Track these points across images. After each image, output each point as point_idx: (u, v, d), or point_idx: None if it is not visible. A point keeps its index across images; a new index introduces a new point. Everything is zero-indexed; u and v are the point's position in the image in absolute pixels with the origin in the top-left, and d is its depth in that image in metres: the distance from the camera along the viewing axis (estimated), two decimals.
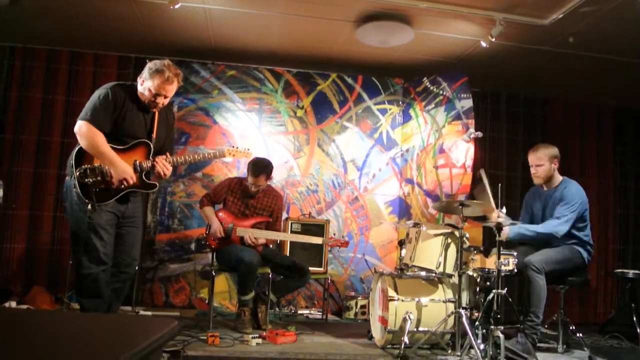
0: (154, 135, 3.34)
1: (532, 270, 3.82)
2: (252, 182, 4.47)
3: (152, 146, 3.31)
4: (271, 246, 4.65)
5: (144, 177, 3.27)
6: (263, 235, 4.48)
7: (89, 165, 3.09)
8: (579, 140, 6.48)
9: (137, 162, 3.23)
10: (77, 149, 3.12)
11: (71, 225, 3.22)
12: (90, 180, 3.07)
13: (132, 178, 3.16)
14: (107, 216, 3.17)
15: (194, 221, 5.58)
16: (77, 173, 3.06)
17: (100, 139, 3.09)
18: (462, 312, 3.55)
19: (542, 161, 4.19)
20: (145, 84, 3.25)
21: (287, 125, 5.90)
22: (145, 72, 3.25)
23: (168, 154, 3.39)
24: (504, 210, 3.61)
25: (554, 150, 4.23)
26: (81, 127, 3.08)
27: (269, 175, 4.56)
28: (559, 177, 4.25)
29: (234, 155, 3.77)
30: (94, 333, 1.37)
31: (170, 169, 3.31)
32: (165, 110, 3.47)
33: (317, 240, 4.78)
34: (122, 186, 3.15)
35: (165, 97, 3.30)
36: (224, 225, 4.45)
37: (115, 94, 3.17)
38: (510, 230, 3.94)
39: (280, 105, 5.90)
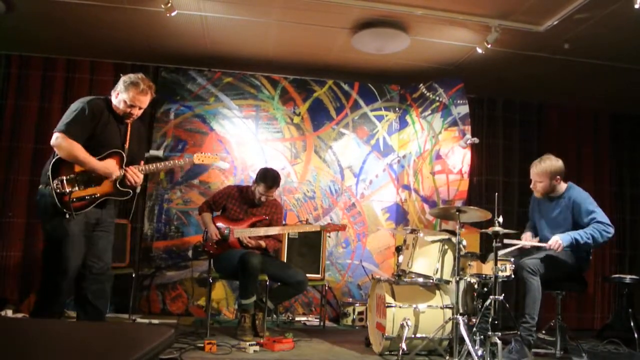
0: (126, 146, 3.46)
1: (526, 272, 3.82)
2: (264, 192, 4.51)
3: (125, 156, 3.43)
4: (267, 248, 4.62)
5: (117, 184, 3.40)
6: (260, 233, 4.49)
7: (67, 177, 3.21)
8: (575, 145, 6.50)
9: None
10: (54, 160, 3.21)
11: (45, 233, 3.34)
12: (68, 190, 3.19)
13: (116, 172, 3.33)
14: (81, 226, 3.27)
15: (191, 228, 5.57)
16: (55, 184, 3.16)
17: (78, 147, 3.21)
18: (460, 318, 3.55)
19: (541, 178, 4.09)
20: (120, 97, 3.37)
21: (284, 131, 5.91)
22: (120, 85, 3.37)
23: (142, 162, 3.53)
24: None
25: (557, 167, 4.08)
26: (57, 139, 3.19)
27: (278, 186, 4.65)
28: (563, 186, 4.15)
29: (203, 161, 3.89)
30: (90, 341, 1.36)
31: (141, 177, 3.44)
32: (137, 123, 3.60)
33: (315, 228, 4.72)
34: (111, 179, 3.33)
35: (140, 108, 3.42)
36: (221, 230, 4.45)
37: (92, 107, 3.29)
38: (563, 240, 3.83)
39: (277, 112, 5.91)
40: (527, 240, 4.19)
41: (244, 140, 5.81)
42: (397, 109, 6.14)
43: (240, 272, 4.25)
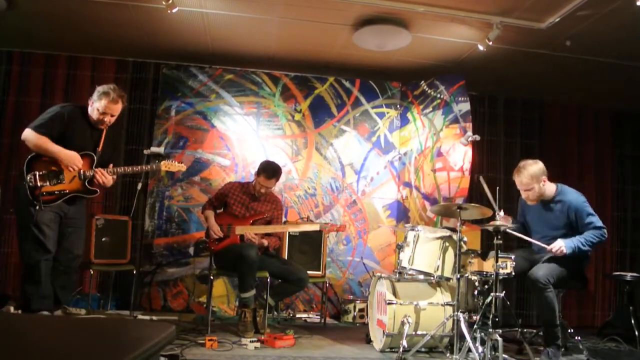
0: (99, 149, 3.83)
1: (540, 287, 3.71)
2: (264, 183, 4.52)
3: (95, 158, 3.79)
4: (268, 246, 4.63)
5: (86, 184, 3.74)
6: (261, 231, 4.50)
7: (39, 172, 3.56)
8: (577, 143, 6.50)
9: (81, 171, 3.71)
10: (29, 156, 3.59)
11: (18, 221, 3.69)
12: (39, 184, 3.53)
13: (80, 162, 3.67)
14: (51, 215, 3.61)
15: (192, 225, 5.57)
16: (28, 178, 3.52)
17: (44, 140, 3.58)
18: (460, 315, 3.55)
19: (530, 185, 3.96)
20: (94, 105, 3.75)
21: (285, 129, 5.91)
22: (95, 95, 3.75)
23: (111, 165, 3.86)
24: (502, 212, 3.60)
25: (539, 169, 3.97)
26: (26, 133, 3.60)
27: (278, 179, 4.65)
28: (552, 188, 4.05)
29: (169, 168, 4.15)
30: (91, 338, 1.37)
31: (109, 178, 3.78)
32: (113, 129, 3.95)
33: (314, 226, 4.75)
34: (72, 169, 3.65)
35: (112, 115, 3.79)
36: (223, 227, 4.46)
37: (64, 112, 3.69)
38: (566, 247, 3.79)
39: (278, 109, 5.91)
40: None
41: (245, 137, 5.81)
42: (398, 106, 6.14)
43: (238, 265, 4.27)
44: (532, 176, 3.94)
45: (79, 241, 3.86)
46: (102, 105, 3.71)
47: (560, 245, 3.81)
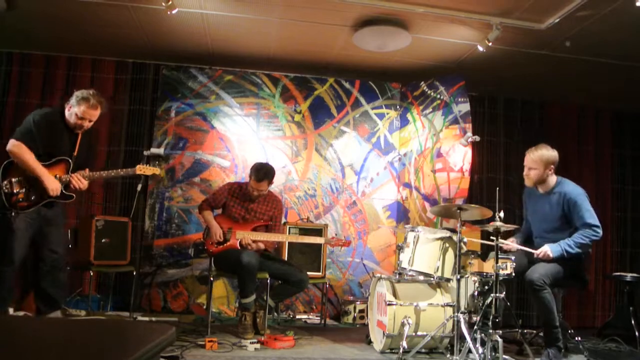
0: (75, 154, 3.85)
1: (536, 289, 3.71)
2: (255, 186, 4.48)
3: (71, 163, 3.82)
4: (266, 248, 4.63)
5: (62, 189, 3.76)
6: (264, 238, 4.48)
7: (15, 178, 3.58)
8: (577, 143, 6.50)
9: (58, 176, 3.73)
10: (6, 162, 3.60)
11: None
12: (15, 190, 3.57)
13: (57, 190, 3.68)
14: (27, 222, 3.63)
15: (191, 226, 5.57)
16: (4, 184, 3.55)
17: (30, 156, 3.58)
18: (461, 316, 3.55)
19: (536, 165, 4.01)
20: (72, 110, 3.75)
21: (285, 129, 5.91)
22: (73, 100, 3.76)
23: (87, 170, 3.86)
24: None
25: (553, 156, 4.03)
26: (13, 146, 3.58)
27: (271, 181, 4.56)
28: (553, 179, 4.07)
29: (144, 172, 4.16)
30: (91, 339, 1.37)
31: (85, 183, 3.82)
32: (88, 134, 3.95)
33: (319, 240, 4.80)
34: (49, 195, 3.66)
35: (90, 121, 3.81)
36: (222, 230, 4.45)
37: (46, 120, 3.71)
38: (552, 251, 3.79)
39: (278, 109, 5.91)
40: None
41: (245, 138, 5.81)
42: (398, 106, 6.14)
43: (238, 271, 4.26)
44: (542, 158, 4.00)
45: (59, 239, 3.89)
46: (80, 110, 3.72)
47: (546, 250, 3.82)
